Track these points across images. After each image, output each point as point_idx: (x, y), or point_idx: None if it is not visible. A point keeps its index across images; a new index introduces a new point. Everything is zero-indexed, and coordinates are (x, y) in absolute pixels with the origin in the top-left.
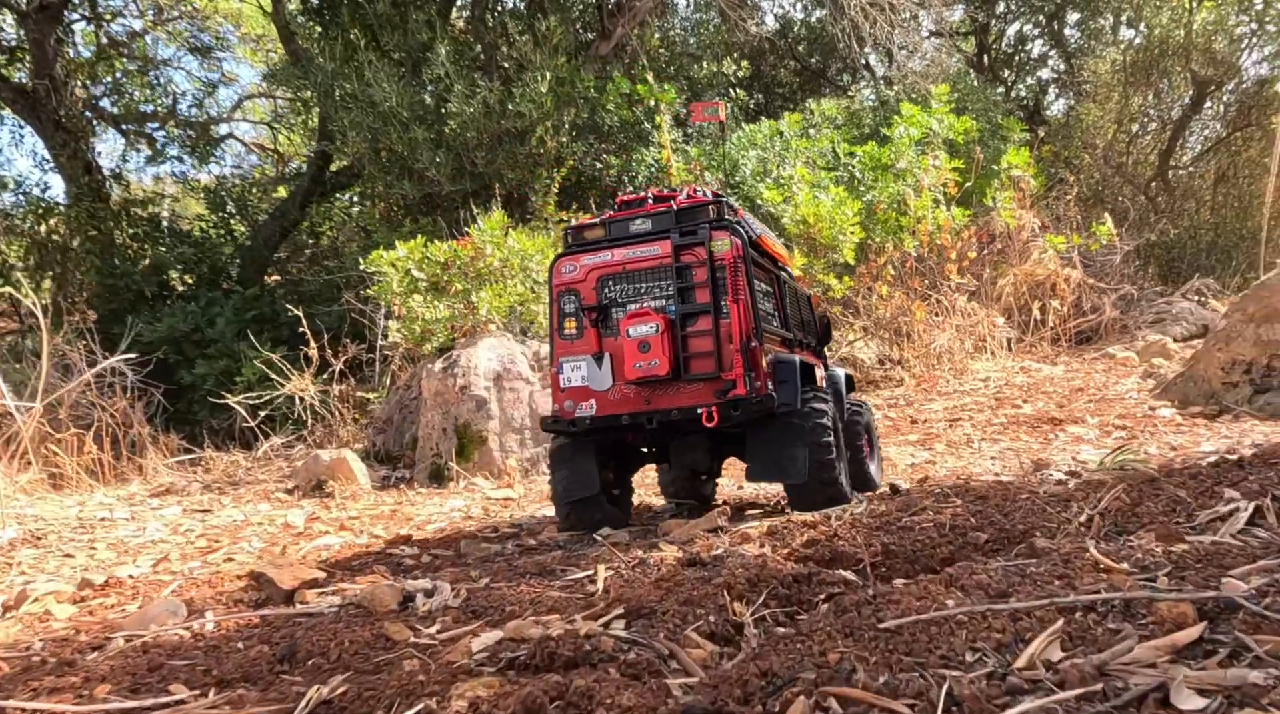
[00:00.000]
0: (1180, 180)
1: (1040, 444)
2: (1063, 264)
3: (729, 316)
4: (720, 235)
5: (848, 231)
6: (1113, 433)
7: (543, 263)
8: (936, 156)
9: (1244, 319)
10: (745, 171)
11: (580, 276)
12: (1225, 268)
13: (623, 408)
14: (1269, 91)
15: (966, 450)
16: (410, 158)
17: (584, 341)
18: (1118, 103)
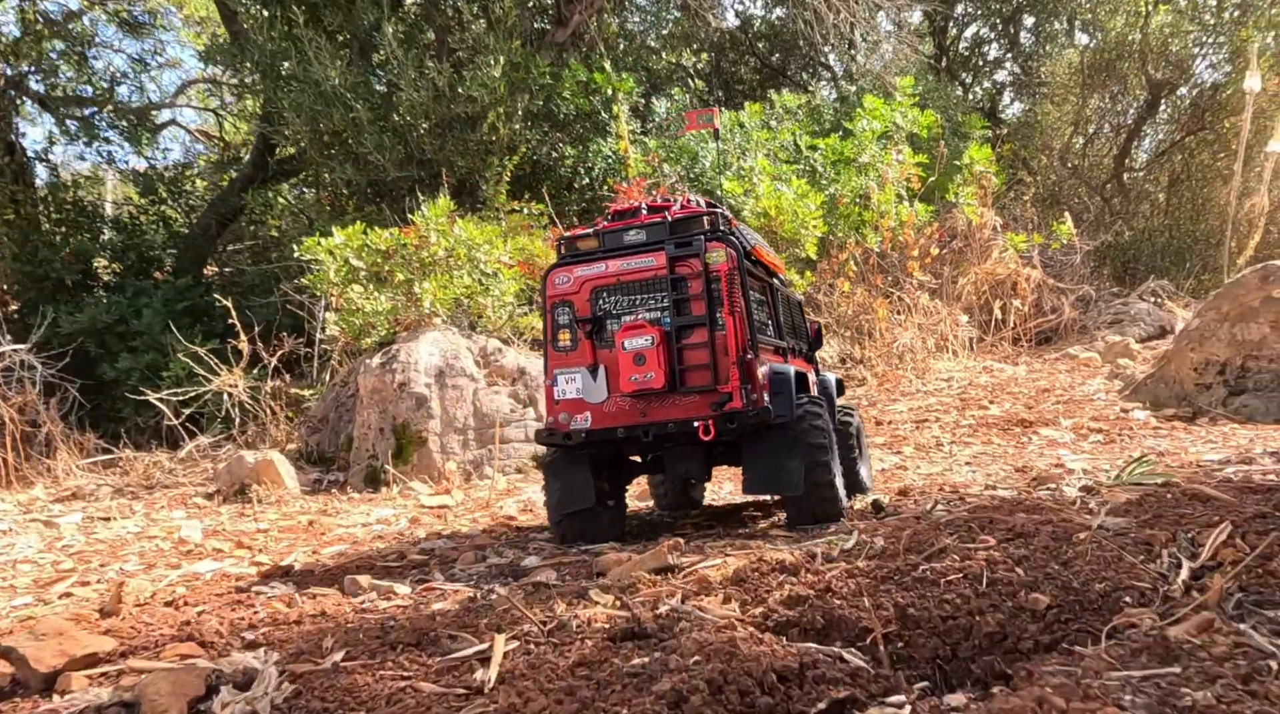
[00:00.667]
0: (1135, 183)
1: (1015, 448)
2: (1022, 263)
3: (724, 329)
4: (715, 247)
5: (810, 225)
6: (1089, 436)
7: (491, 253)
8: (900, 151)
9: (1218, 318)
10: (705, 163)
11: (574, 288)
12: (1179, 270)
13: (618, 420)
14: (1222, 95)
15: (938, 454)
16: (354, 141)
17: (578, 354)
18: (1075, 104)
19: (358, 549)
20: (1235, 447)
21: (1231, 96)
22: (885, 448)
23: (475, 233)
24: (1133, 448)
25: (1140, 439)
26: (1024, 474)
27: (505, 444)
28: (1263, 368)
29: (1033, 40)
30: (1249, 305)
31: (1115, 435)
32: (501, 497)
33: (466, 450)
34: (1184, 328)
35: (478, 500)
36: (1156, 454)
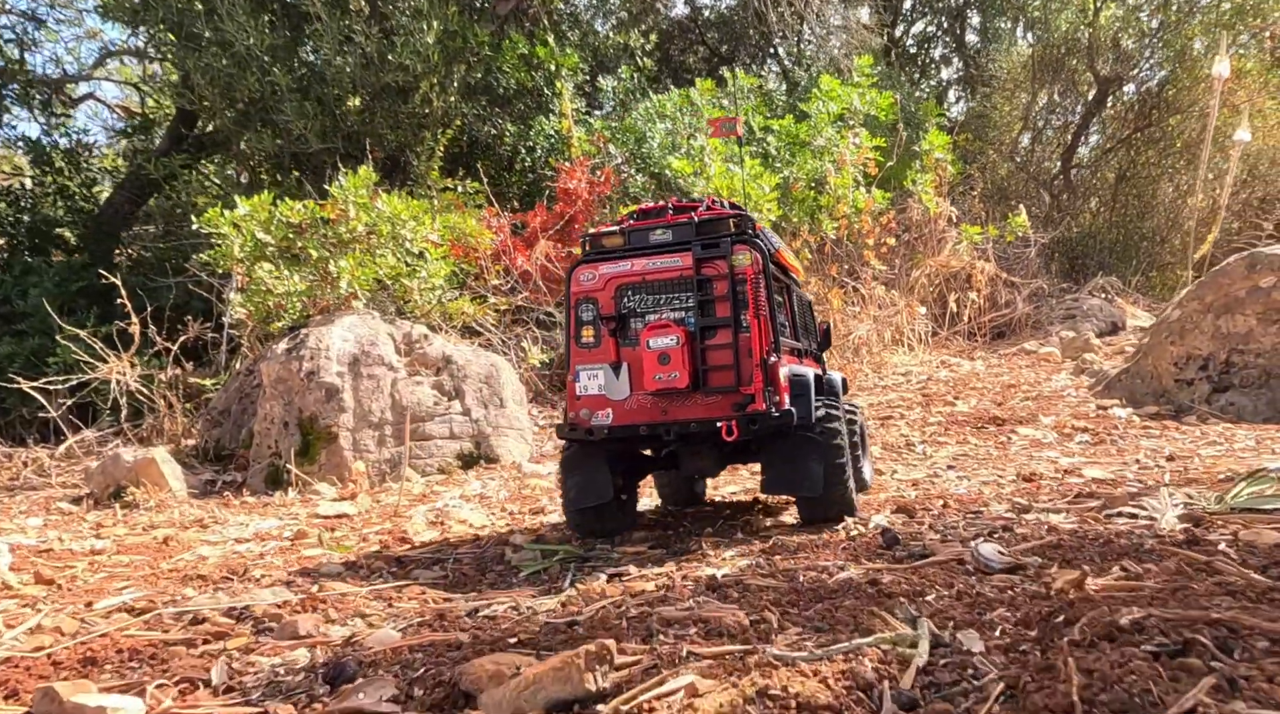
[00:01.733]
0: (1082, 179)
1: (997, 449)
2: (976, 257)
3: (749, 331)
4: (741, 249)
5: (763, 208)
6: (1074, 437)
7: (418, 230)
8: (857, 134)
9: (1200, 309)
10: (653, 144)
11: (599, 285)
12: (1127, 267)
13: (639, 417)
14: (1168, 94)
15: (912, 456)
16: (271, 108)
17: (601, 350)
18: (1024, 100)
19: (173, 590)
20: (1247, 448)
21: (1176, 95)
22: None
23: (400, 208)
24: (1130, 450)
25: (1132, 439)
26: (1034, 485)
27: (426, 441)
28: (1249, 363)
29: (978, 39)
30: (1234, 295)
31: (1103, 435)
32: (414, 503)
33: (382, 447)
34: (1161, 319)
35: (384, 509)
36: (1165, 458)
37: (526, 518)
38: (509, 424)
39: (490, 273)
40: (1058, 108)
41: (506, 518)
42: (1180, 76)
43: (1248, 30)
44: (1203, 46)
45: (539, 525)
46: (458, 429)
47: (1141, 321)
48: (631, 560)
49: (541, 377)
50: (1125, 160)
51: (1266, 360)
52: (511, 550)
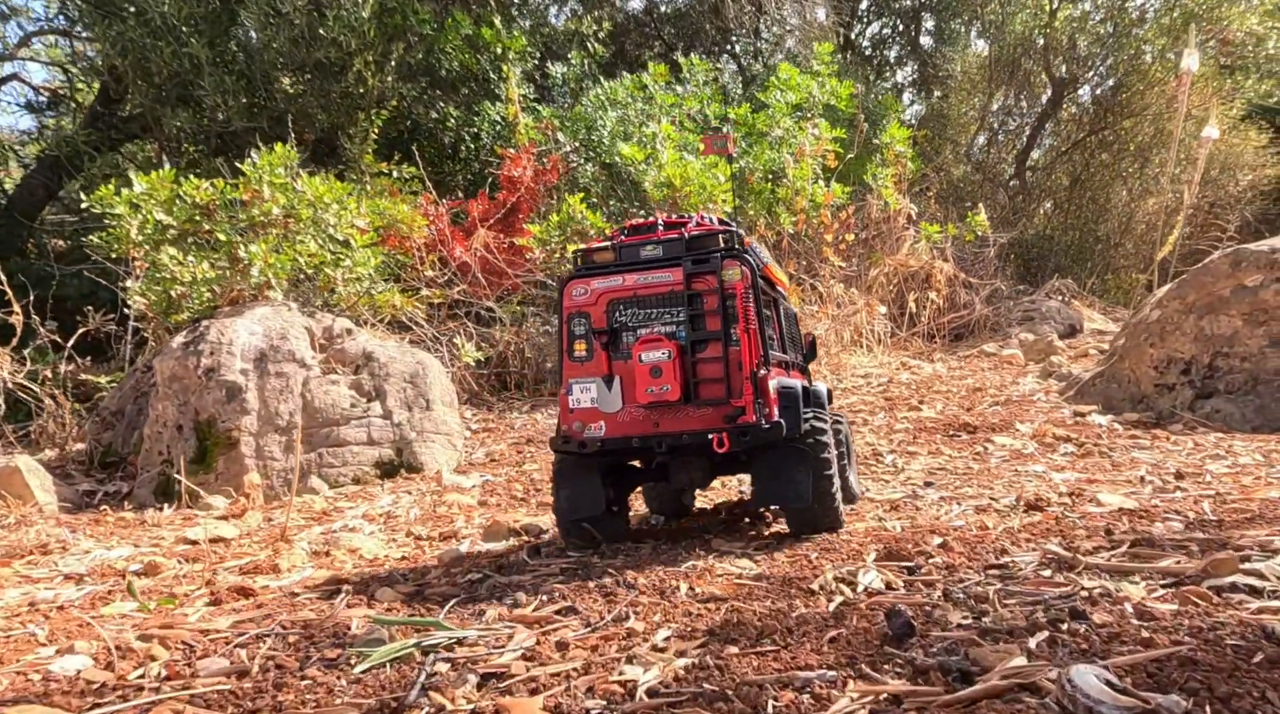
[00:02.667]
0: (1037, 181)
1: (975, 461)
2: (934, 257)
3: (739, 345)
4: (731, 265)
5: (719, 199)
6: (1058, 447)
7: (343, 215)
8: (816, 125)
9: (1182, 309)
10: (603, 132)
11: (591, 300)
12: (1082, 269)
13: (632, 430)
14: (1122, 96)
15: (882, 469)
16: (191, 82)
17: (594, 364)
18: (980, 101)
19: None
20: (1258, 465)
21: (1130, 98)
22: None
23: (322, 190)
24: (1125, 464)
25: (1122, 451)
26: (1042, 511)
27: (340, 447)
28: (1234, 367)
29: (932, 42)
30: (1218, 295)
31: (1089, 446)
32: (311, 522)
33: (290, 455)
34: (1139, 320)
35: (271, 531)
36: (1174, 476)
37: (429, 547)
38: (435, 428)
39: (425, 263)
40: (1013, 109)
41: (409, 544)
42: (1133, 80)
43: (1201, 34)
44: (1155, 51)
45: (436, 562)
46: (377, 434)
47: (1098, 325)
48: (536, 628)
49: (478, 376)
50: (1080, 163)
51: (1253, 364)
52: (368, 605)
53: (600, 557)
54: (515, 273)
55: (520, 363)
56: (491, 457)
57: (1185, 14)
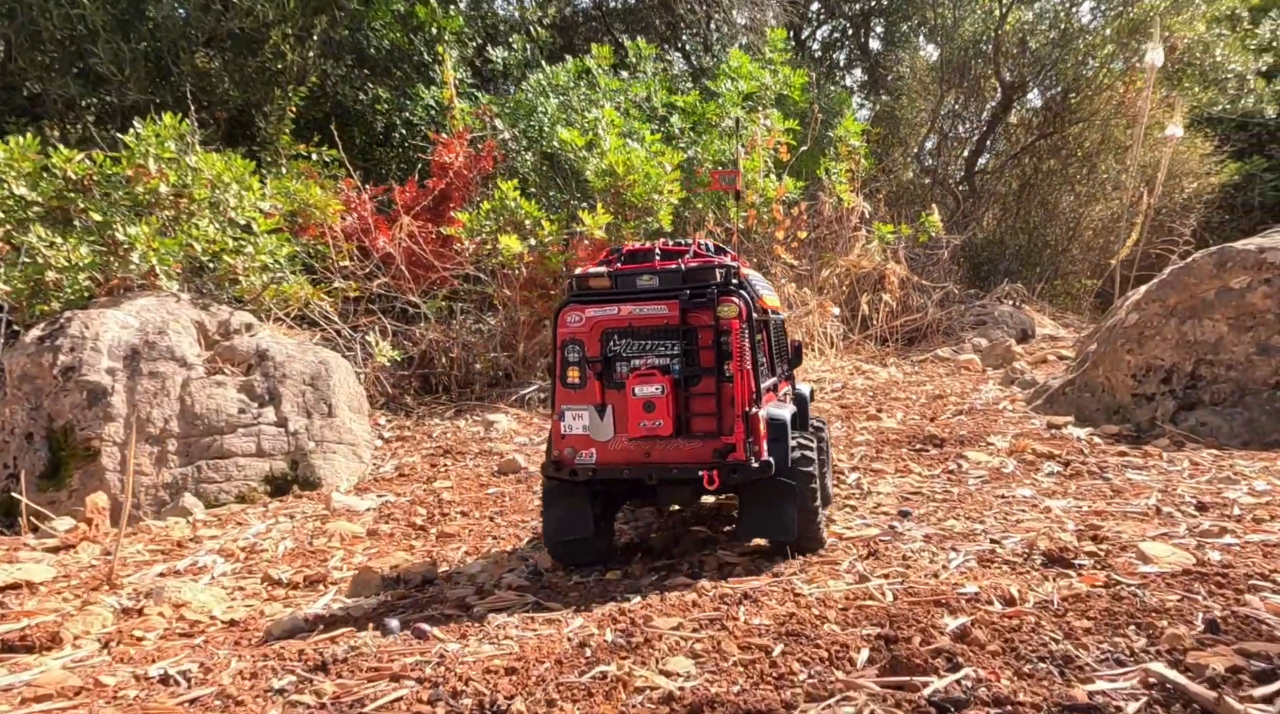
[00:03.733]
0: (987, 185)
1: (951, 483)
2: (886, 258)
3: (732, 381)
4: (728, 301)
5: (665, 190)
6: (1040, 465)
7: (246, 197)
8: (768, 115)
9: (1162, 313)
10: (544, 119)
11: (585, 328)
12: (1031, 274)
13: (623, 458)
14: (1071, 101)
15: (847, 491)
16: (84, 50)
17: (587, 392)
18: (930, 103)
19: None
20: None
21: (1079, 103)
22: None
23: (220, 167)
24: (1124, 488)
25: (1115, 470)
26: (1075, 570)
27: (223, 459)
28: (1219, 376)
29: (881, 45)
30: (1202, 297)
31: (1076, 465)
32: (159, 556)
33: (162, 468)
34: (1114, 323)
35: (98, 570)
36: (1190, 505)
37: (284, 601)
38: (338, 438)
39: (342, 253)
40: (963, 113)
41: (260, 594)
42: (1082, 85)
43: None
44: (1103, 57)
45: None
46: (268, 444)
47: (1049, 330)
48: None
49: (397, 378)
50: (1029, 167)
51: (1240, 373)
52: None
53: (466, 640)
54: (443, 266)
55: (449, 363)
56: (401, 471)
57: (1131, 21)
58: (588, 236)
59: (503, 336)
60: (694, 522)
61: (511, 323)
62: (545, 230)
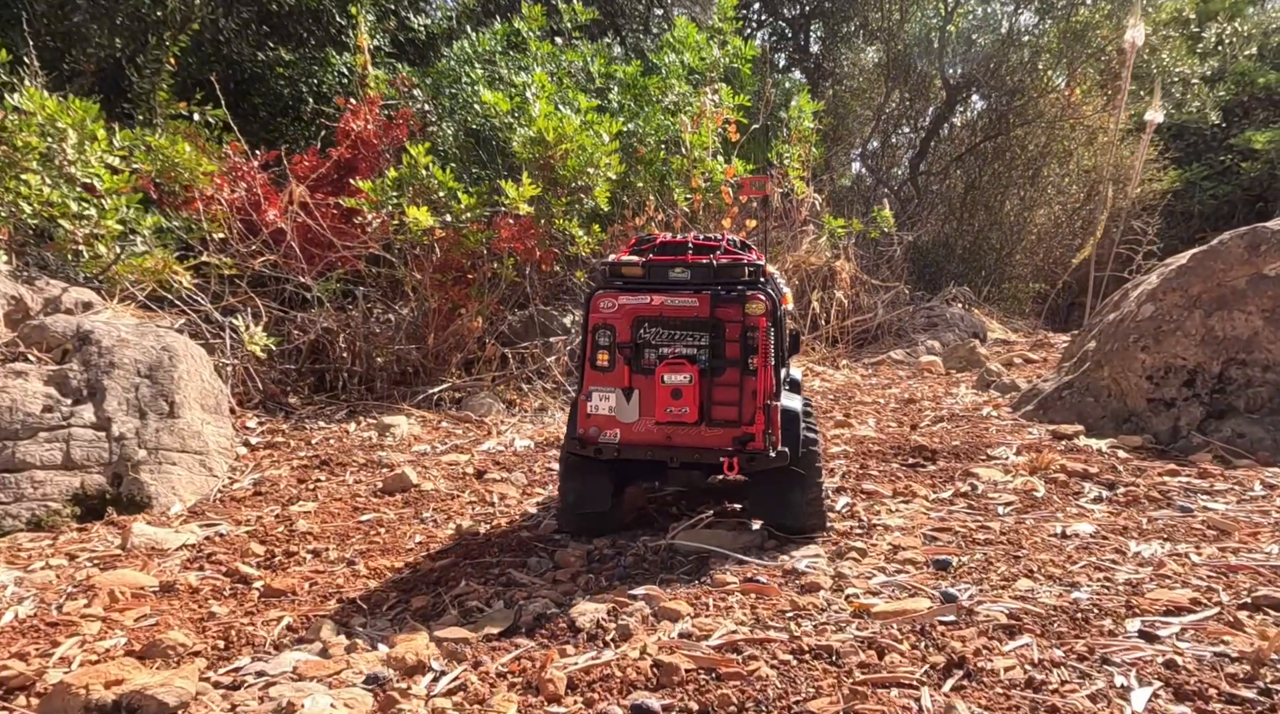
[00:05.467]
0: (931, 186)
1: (972, 508)
2: (834, 256)
3: (756, 375)
4: (756, 298)
5: (602, 164)
6: (1079, 488)
7: (90, 150)
8: (716, 90)
9: (1184, 304)
10: (468, 90)
11: (618, 314)
12: (976, 277)
13: (645, 440)
14: (1016, 103)
15: (846, 526)
16: None
17: (615, 375)
18: (876, 102)
19: None
20: None
21: (1026, 105)
22: (736, 511)
23: (53, 108)
24: (1217, 521)
25: (1181, 495)
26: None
27: (15, 472)
28: (1254, 378)
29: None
30: (1231, 286)
31: (1126, 488)
32: None
33: None
34: (1122, 317)
35: None
36: None
37: None
38: (181, 445)
39: (215, 222)
40: (908, 112)
41: None
42: (1027, 87)
43: (1098, 42)
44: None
45: None
46: (82, 452)
47: (998, 334)
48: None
49: (281, 373)
50: (974, 169)
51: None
52: None
53: None
54: (344, 243)
55: (351, 357)
56: (260, 488)
57: (1077, 23)
58: (512, 213)
59: (410, 327)
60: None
61: (423, 311)
62: (462, 204)
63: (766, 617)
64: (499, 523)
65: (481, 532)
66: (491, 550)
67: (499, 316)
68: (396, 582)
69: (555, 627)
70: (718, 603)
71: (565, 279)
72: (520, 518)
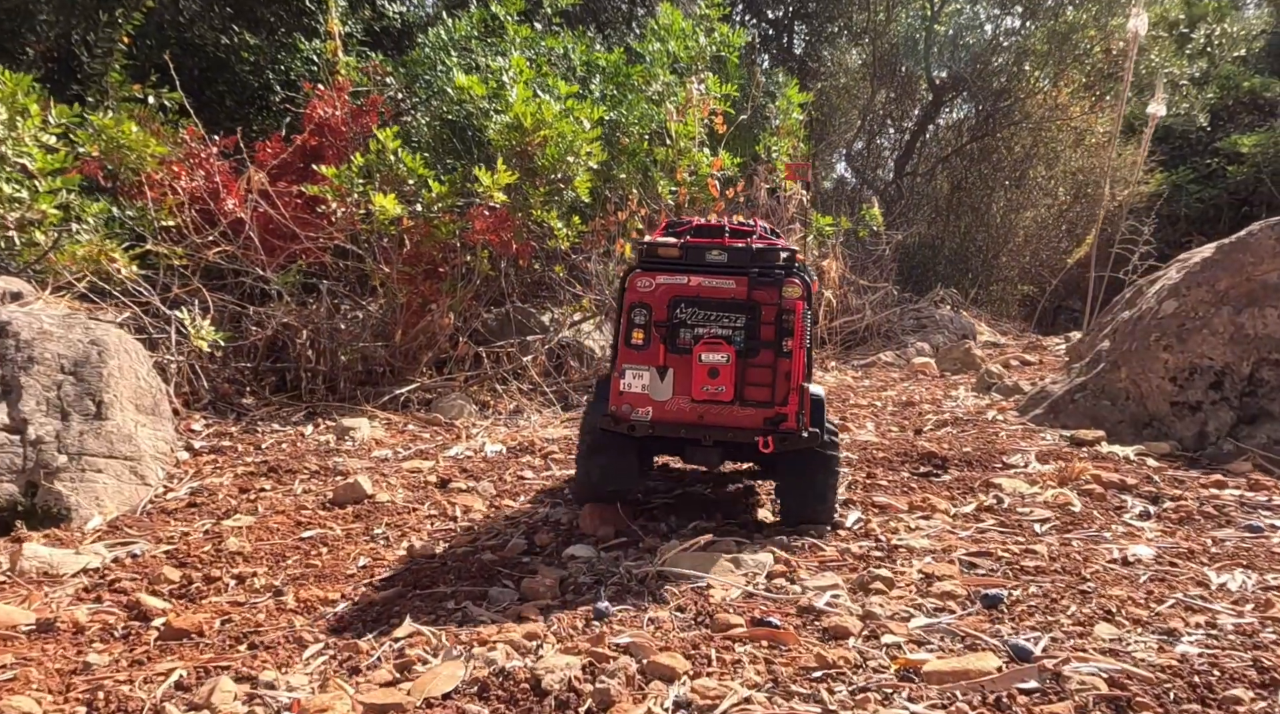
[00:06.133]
0: (917, 187)
1: (1004, 526)
2: (821, 255)
3: (789, 356)
4: (792, 282)
5: (582, 152)
6: (1118, 502)
7: (25, 124)
8: (703, 79)
9: (1210, 300)
10: (443, 76)
11: (655, 293)
12: (964, 278)
13: (678, 418)
14: (1005, 103)
15: (860, 547)
16: None
17: (649, 353)
18: (861, 102)
19: None
20: None
21: (1012, 107)
22: (733, 525)
23: None
24: None
25: (1240, 510)
26: None
27: None
28: None
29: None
30: (1262, 280)
31: (1173, 502)
32: None
33: None
34: (1140, 315)
35: None
36: None
37: None
38: (109, 450)
39: (164, 209)
40: (893, 113)
41: None
42: (1015, 88)
43: (1086, 42)
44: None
45: None
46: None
47: (987, 336)
48: None
49: (234, 371)
50: (960, 171)
51: None
52: None
53: None
54: (308, 234)
55: (316, 355)
56: (197, 498)
57: (1066, 24)
58: (487, 203)
59: (378, 323)
60: None
61: (392, 307)
62: (433, 193)
63: (787, 676)
64: (460, 541)
65: (438, 553)
66: (447, 578)
67: (473, 313)
68: (328, 619)
69: (515, 687)
70: (721, 654)
71: (544, 275)
72: (485, 535)
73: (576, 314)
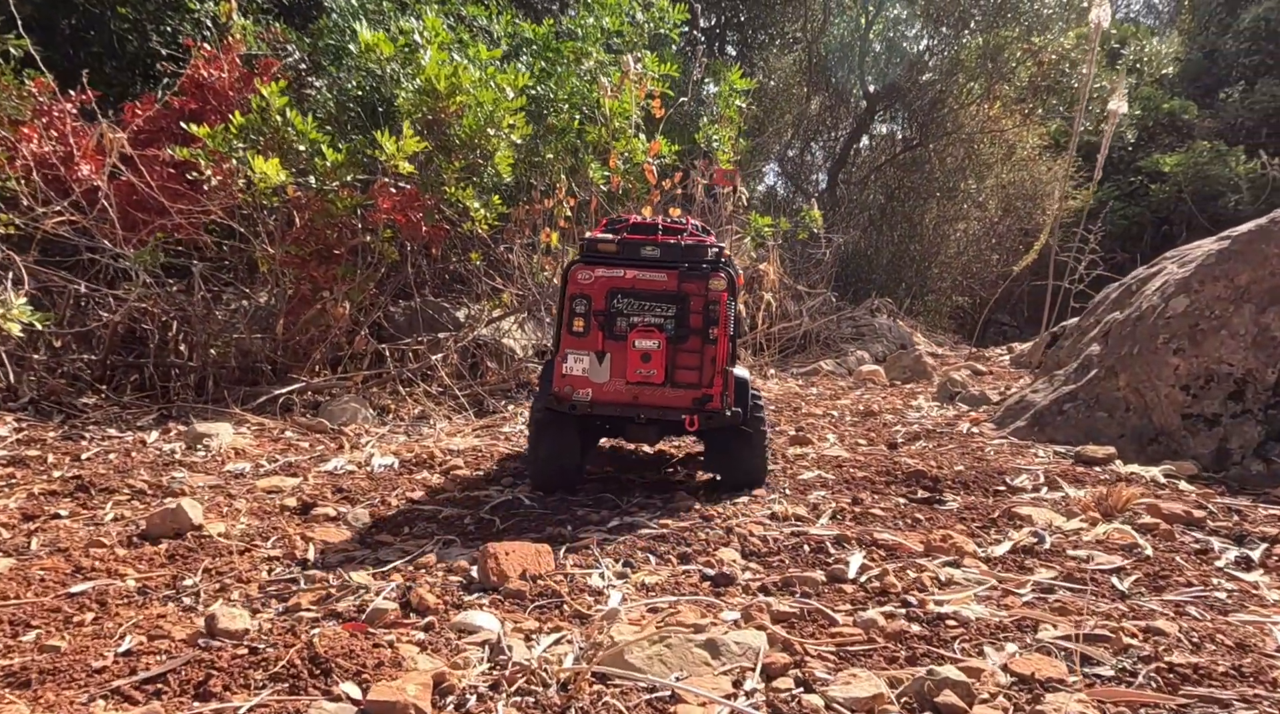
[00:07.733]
0: (851, 195)
1: (1079, 586)
2: (758, 258)
3: (715, 343)
4: (718, 276)
5: (505, 124)
6: (1201, 545)
7: None
8: (639, 56)
9: (1228, 297)
10: (352, 47)
11: (594, 285)
12: (898, 287)
13: (615, 398)
14: (938, 113)
15: (901, 628)
16: None
17: (589, 339)
18: (796, 109)
19: None
20: None
21: (945, 117)
22: (695, 585)
23: None
24: None
25: None
26: None
27: None
28: None
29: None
30: None
31: (1263, 544)
32: None
33: None
34: (1141, 313)
35: None
36: None
37: None
38: None
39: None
40: (827, 119)
41: None
42: (946, 99)
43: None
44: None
45: None
46: None
47: (924, 346)
48: None
49: (69, 364)
50: (893, 181)
51: None
52: None
53: None
54: (178, 208)
55: (189, 349)
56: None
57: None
58: (392, 177)
59: (263, 313)
60: None
61: (281, 294)
62: (328, 161)
63: None
64: (297, 602)
65: (253, 629)
66: (250, 682)
67: (375, 304)
68: None
69: None
70: None
71: (460, 265)
72: (338, 591)
73: (496, 310)
